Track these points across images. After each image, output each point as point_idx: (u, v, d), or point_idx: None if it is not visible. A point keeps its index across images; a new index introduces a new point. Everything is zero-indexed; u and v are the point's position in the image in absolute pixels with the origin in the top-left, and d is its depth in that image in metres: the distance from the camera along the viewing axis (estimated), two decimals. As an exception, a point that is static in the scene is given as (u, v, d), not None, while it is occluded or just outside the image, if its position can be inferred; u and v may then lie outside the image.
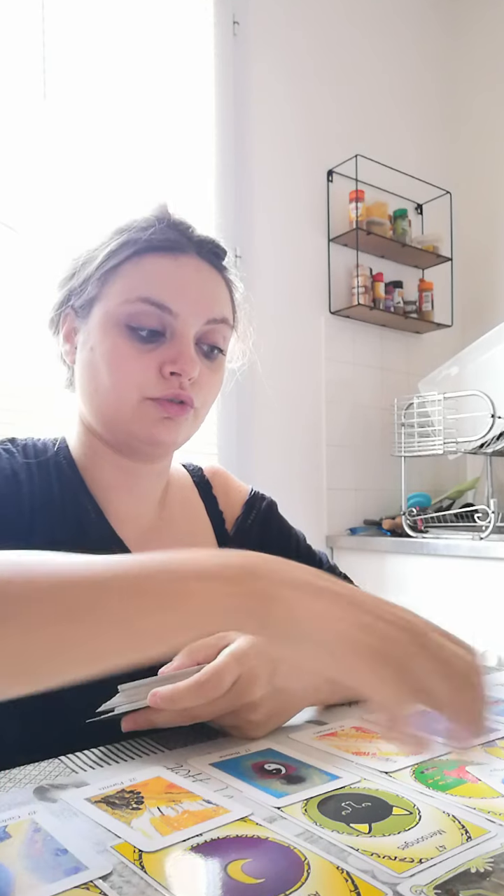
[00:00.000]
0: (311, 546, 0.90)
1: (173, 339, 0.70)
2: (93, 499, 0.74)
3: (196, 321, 0.71)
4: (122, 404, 0.71)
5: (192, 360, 0.70)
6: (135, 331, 0.70)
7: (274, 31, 2.31)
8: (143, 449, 0.73)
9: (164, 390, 0.70)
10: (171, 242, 0.72)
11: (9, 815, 0.43)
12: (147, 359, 0.70)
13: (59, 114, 1.86)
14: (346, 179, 2.43)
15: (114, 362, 0.70)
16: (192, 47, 2.17)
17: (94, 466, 0.75)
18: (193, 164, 2.16)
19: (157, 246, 0.71)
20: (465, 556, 1.92)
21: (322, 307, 2.40)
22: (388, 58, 2.64)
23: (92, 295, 0.72)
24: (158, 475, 0.79)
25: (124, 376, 0.70)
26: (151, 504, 0.79)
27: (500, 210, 2.70)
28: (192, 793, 0.46)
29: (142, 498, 0.77)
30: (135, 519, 0.77)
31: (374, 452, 2.49)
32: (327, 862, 0.37)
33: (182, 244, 0.73)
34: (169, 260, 0.71)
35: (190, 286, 0.72)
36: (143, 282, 0.70)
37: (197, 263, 0.73)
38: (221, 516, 0.86)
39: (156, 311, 0.70)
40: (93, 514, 0.73)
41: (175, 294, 0.70)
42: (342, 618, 0.39)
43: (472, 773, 0.50)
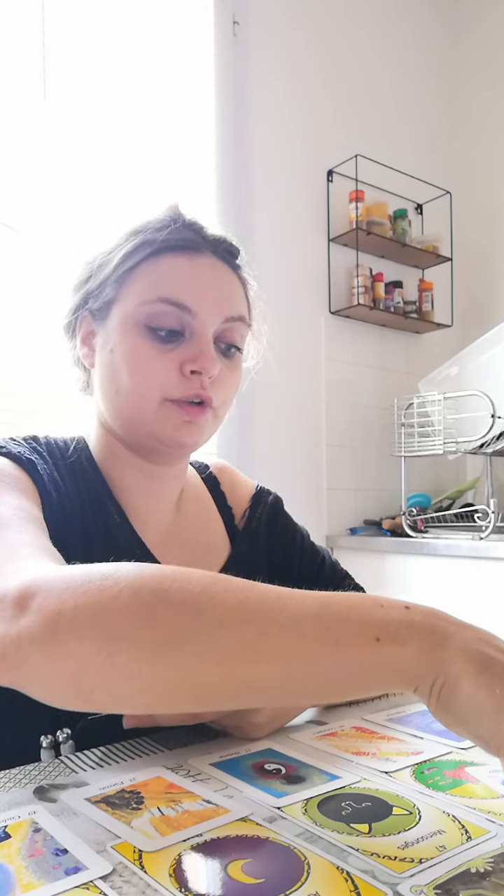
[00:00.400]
0: (314, 543, 0.90)
1: (193, 339, 0.71)
2: (116, 501, 0.75)
3: (215, 320, 0.72)
4: (144, 406, 0.71)
5: (213, 359, 0.70)
6: (154, 331, 0.70)
7: (274, 31, 2.31)
8: (165, 451, 0.73)
9: (186, 390, 0.70)
10: (187, 242, 0.72)
11: (9, 815, 0.43)
12: (167, 359, 0.70)
13: (59, 114, 1.86)
14: (346, 179, 2.43)
15: (134, 363, 0.70)
16: (192, 47, 2.17)
17: (114, 469, 0.76)
18: (194, 164, 2.16)
19: (173, 246, 0.72)
20: (465, 556, 1.92)
21: (322, 307, 2.40)
22: (389, 58, 2.64)
23: (109, 297, 0.72)
24: (177, 477, 0.79)
25: (145, 377, 0.70)
26: (170, 505, 0.79)
27: (500, 210, 2.70)
28: (192, 793, 0.46)
29: (161, 500, 0.78)
30: (155, 521, 0.77)
31: (374, 452, 2.49)
32: (327, 862, 0.37)
33: (198, 243, 0.73)
34: (185, 259, 0.72)
35: (207, 285, 0.72)
36: (161, 282, 0.70)
37: (213, 262, 0.74)
38: (231, 511, 0.86)
39: (175, 311, 0.70)
40: (117, 516, 0.74)
41: (193, 293, 0.70)
42: (497, 710, 0.40)
43: (472, 774, 0.49)
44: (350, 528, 2.37)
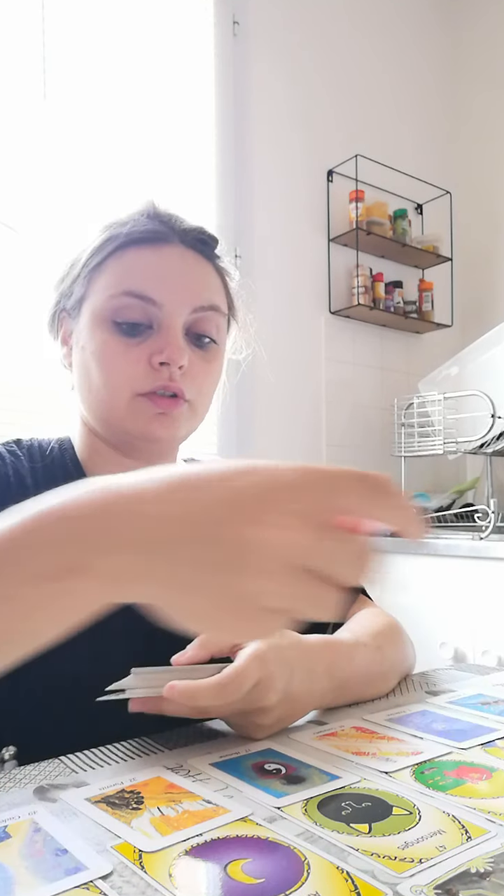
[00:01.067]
0: None
1: (160, 331, 0.70)
2: None
3: (182, 310, 0.71)
4: (115, 402, 0.70)
5: (180, 349, 0.69)
6: (120, 325, 0.69)
7: (274, 31, 2.31)
8: (141, 446, 0.73)
9: (154, 382, 0.69)
10: (153, 234, 0.72)
11: (9, 815, 0.43)
12: (135, 352, 0.69)
13: (59, 114, 1.86)
14: (346, 179, 2.43)
15: (103, 359, 0.70)
16: (192, 47, 2.17)
17: (98, 468, 0.75)
18: (193, 164, 2.16)
19: (138, 238, 0.71)
20: (465, 556, 1.92)
21: (322, 307, 2.40)
22: (389, 58, 2.64)
23: (80, 295, 0.72)
24: None
25: (114, 372, 0.70)
26: None
27: (500, 210, 2.70)
28: (192, 793, 0.46)
29: None
30: None
31: (374, 452, 2.48)
32: (327, 862, 0.37)
33: (164, 234, 0.72)
34: (150, 251, 0.71)
35: (173, 275, 0.71)
36: (125, 275, 0.70)
37: (181, 252, 0.72)
38: None
39: (139, 304, 0.69)
40: None
41: (157, 284, 0.70)
42: None
43: None
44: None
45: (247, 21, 2.26)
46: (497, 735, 0.58)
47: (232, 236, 2.24)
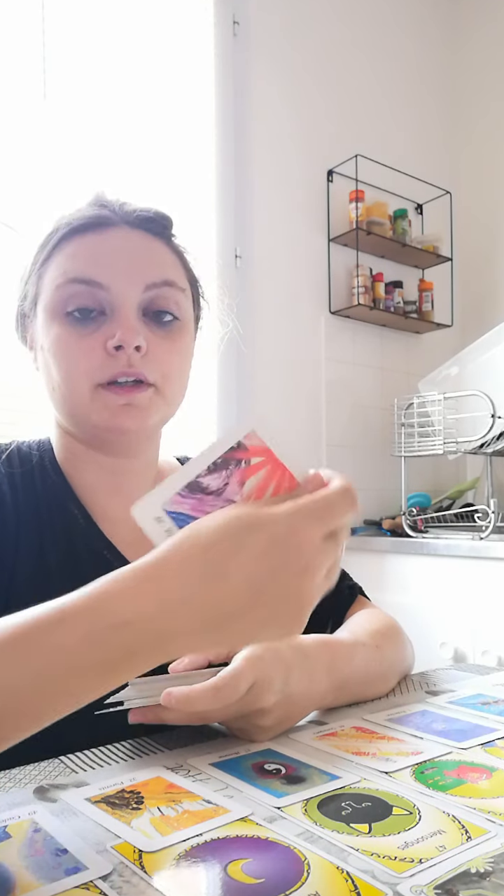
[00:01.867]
0: None
1: (112, 314, 0.67)
2: (80, 504, 0.72)
3: (132, 290, 0.68)
4: (77, 397, 0.68)
5: (132, 330, 0.66)
6: (71, 314, 0.67)
7: (274, 31, 2.31)
8: (113, 440, 0.70)
9: (113, 370, 0.66)
10: (95, 219, 0.70)
11: (9, 815, 0.43)
12: (89, 341, 0.67)
13: (59, 114, 1.86)
14: (346, 179, 2.43)
15: (59, 353, 0.68)
16: (192, 47, 2.17)
17: (76, 469, 0.73)
18: (194, 164, 2.16)
19: (80, 227, 0.69)
20: (465, 556, 1.92)
21: (322, 307, 2.40)
22: (389, 58, 2.64)
23: (33, 294, 0.71)
24: (144, 471, 0.76)
25: (71, 365, 0.67)
26: None
27: (500, 210, 2.70)
28: (192, 793, 0.46)
29: (130, 496, 0.75)
30: (125, 520, 0.74)
31: (374, 452, 2.48)
32: (327, 862, 0.37)
33: (107, 218, 0.70)
34: (94, 236, 0.69)
35: (119, 256, 0.68)
36: (70, 263, 0.68)
37: (126, 233, 0.70)
38: None
39: (86, 289, 0.67)
40: (81, 520, 0.71)
41: (102, 267, 0.67)
42: None
43: None
44: (350, 528, 2.36)
45: (247, 21, 2.26)
46: (497, 735, 0.58)
47: (232, 236, 2.24)
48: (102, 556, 0.71)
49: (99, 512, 0.73)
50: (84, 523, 0.72)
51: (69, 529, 0.71)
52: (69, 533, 0.71)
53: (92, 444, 0.72)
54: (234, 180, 2.26)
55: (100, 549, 0.71)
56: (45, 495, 0.71)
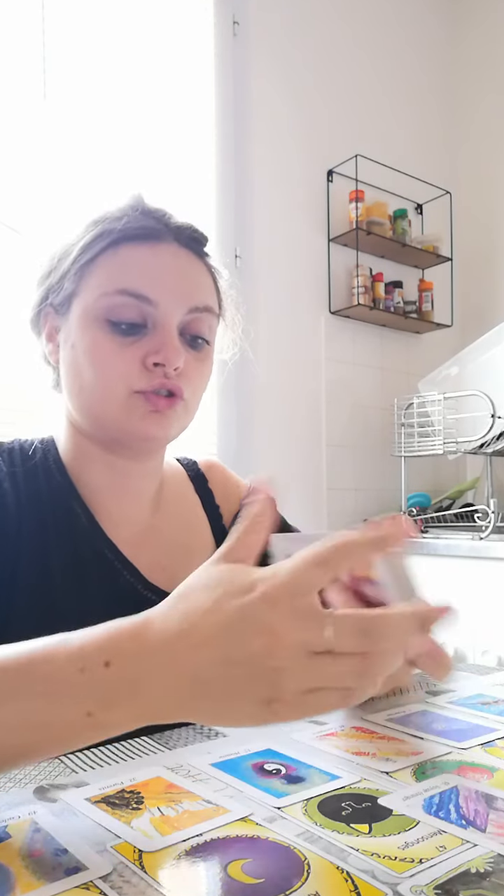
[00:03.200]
0: None
1: (155, 330, 0.68)
2: (83, 503, 0.73)
3: (178, 310, 0.69)
4: (110, 400, 0.68)
5: (177, 350, 0.67)
6: (115, 324, 0.67)
7: (274, 31, 2.31)
8: (135, 445, 0.71)
9: (151, 381, 0.67)
10: (147, 230, 0.69)
11: (9, 815, 0.43)
12: (130, 351, 0.67)
13: (59, 114, 1.86)
14: (346, 179, 2.43)
15: (96, 358, 0.68)
16: (192, 47, 2.17)
17: (83, 468, 0.74)
18: (194, 165, 2.16)
19: (132, 235, 0.69)
20: (465, 556, 1.92)
21: (322, 307, 2.40)
22: (389, 57, 2.64)
23: (70, 291, 0.70)
24: (151, 474, 0.77)
25: (108, 371, 0.67)
26: (145, 504, 0.77)
27: (500, 210, 2.70)
28: (192, 793, 0.46)
29: (135, 499, 0.76)
30: (128, 521, 0.75)
31: (374, 452, 2.49)
32: (327, 862, 0.37)
33: (159, 231, 0.70)
34: (146, 248, 0.69)
35: (169, 274, 0.69)
36: (120, 273, 0.68)
37: (175, 250, 0.70)
38: (218, 511, 0.84)
39: (135, 303, 0.67)
40: (84, 518, 0.72)
41: (154, 283, 0.68)
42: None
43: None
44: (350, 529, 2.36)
45: (247, 21, 2.26)
46: (497, 735, 0.58)
47: (232, 236, 2.24)
48: (104, 556, 0.71)
49: (102, 512, 0.73)
50: (87, 522, 0.72)
51: (72, 527, 0.71)
52: (72, 531, 0.71)
53: (109, 447, 0.72)
54: (234, 180, 2.26)
55: (101, 548, 0.72)
56: (48, 493, 0.71)
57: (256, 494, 0.45)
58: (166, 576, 0.74)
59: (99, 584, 0.70)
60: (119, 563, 0.72)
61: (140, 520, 0.76)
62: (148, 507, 0.77)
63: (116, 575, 0.71)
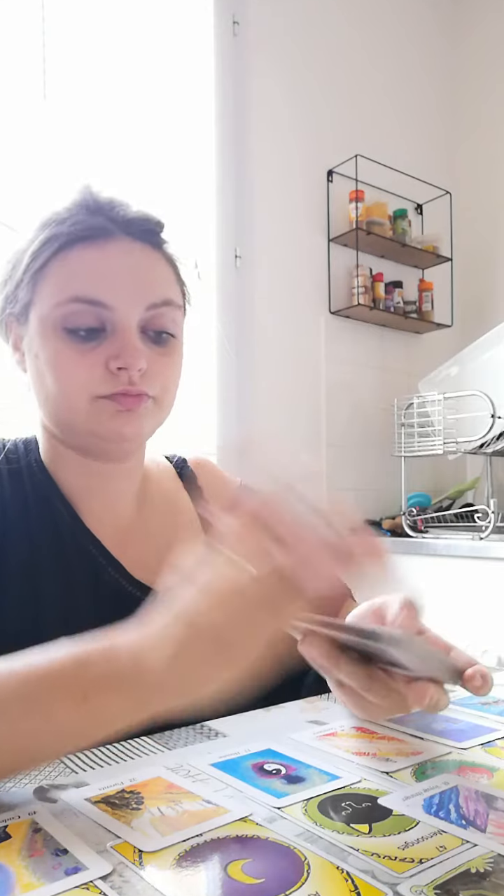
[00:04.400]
0: None
1: (115, 333, 0.66)
2: (66, 502, 0.72)
3: (135, 310, 0.67)
4: (75, 408, 0.67)
5: (137, 352, 0.66)
6: (73, 332, 0.66)
7: (274, 31, 2.31)
8: (109, 447, 0.70)
9: (114, 387, 0.66)
10: (95, 230, 0.67)
11: (9, 815, 0.43)
12: (91, 357, 0.66)
13: (59, 114, 1.86)
14: (346, 179, 2.43)
15: (58, 368, 0.66)
16: (192, 47, 2.17)
17: (60, 470, 0.73)
18: (194, 165, 2.16)
19: (79, 237, 0.67)
20: (465, 556, 1.92)
21: (322, 307, 2.40)
22: (389, 58, 2.64)
23: (26, 300, 0.68)
24: (130, 473, 0.76)
25: (70, 380, 0.66)
26: (127, 503, 0.76)
27: (500, 210, 2.70)
28: (192, 793, 0.46)
29: (116, 498, 0.75)
30: (111, 518, 0.74)
31: (374, 452, 2.49)
32: (327, 862, 0.37)
33: (107, 229, 0.68)
34: (95, 250, 0.67)
35: (122, 274, 0.67)
36: (71, 279, 0.66)
37: (127, 246, 0.68)
38: None
39: (90, 308, 0.65)
40: (67, 517, 0.71)
41: (107, 286, 0.66)
42: None
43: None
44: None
45: (247, 21, 2.26)
46: (497, 735, 0.58)
47: (232, 236, 2.24)
48: (88, 552, 0.71)
49: (85, 510, 0.73)
50: (70, 520, 0.71)
51: (55, 525, 0.71)
52: (55, 528, 0.71)
53: (81, 451, 0.72)
54: (234, 180, 2.26)
55: (86, 544, 0.71)
56: (32, 492, 0.71)
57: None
58: (152, 573, 0.73)
59: (83, 581, 0.70)
60: (103, 558, 0.72)
61: (123, 518, 0.75)
62: (130, 505, 0.76)
63: (101, 571, 0.71)
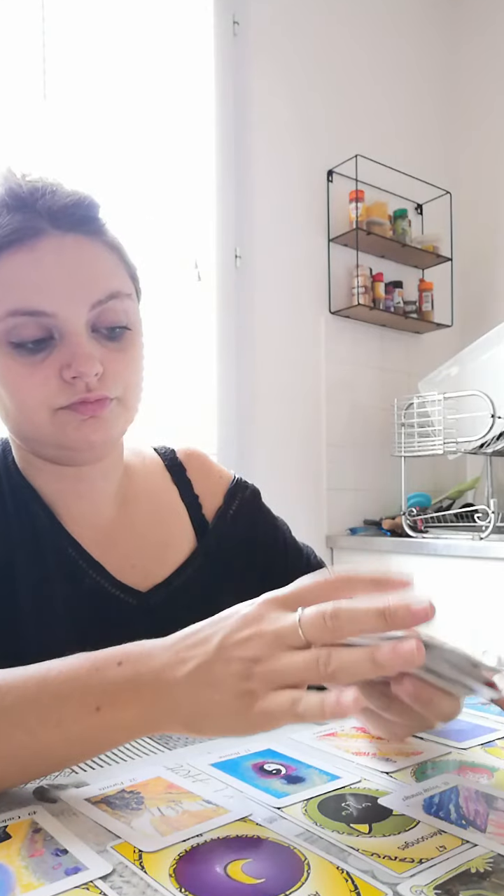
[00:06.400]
0: (295, 538, 0.85)
1: (63, 340, 0.62)
2: (44, 504, 0.71)
3: (79, 312, 0.62)
4: (37, 423, 0.64)
5: (88, 357, 0.62)
6: (20, 346, 0.62)
7: (274, 31, 2.31)
8: (78, 455, 0.67)
9: (72, 396, 0.63)
10: (21, 231, 0.62)
11: (9, 815, 0.43)
12: (42, 369, 0.62)
13: (59, 114, 1.86)
14: (346, 179, 2.43)
15: (11, 385, 0.63)
16: (192, 47, 2.16)
17: (36, 476, 0.71)
18: (194, 165, 2.16)
19: (6, 241, 0.62)
20: (465, 556, 1.92)
21: (322, 307, 2.40)
22: (389, 58, 2.64)
23: None
24: (107, 473, 0.73)
25: (26, 396, 0.63)
26: (107, 502, 0.74)
27: (500, 210, 2.70)
28: (192, 793, 0.46)
29: (94, 499, 0.73)
30: (90, 520, 0.72)
31: (374, 452, 2.49)
32: (327, 862, 0.37)
33: (34, 228, 0.62)
34: (24, 254, 0.62)
35: (57, 276, 0.62)
36: (6, 292, 0.61)
37: (59, 242, 0.63)
38: (197, 500, 0.80)
39: (31, 320, 0.61)
40: (45, 519, 0.70)
41: (43, 293, 0.61)
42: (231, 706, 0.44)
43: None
44: (350, 529, 2.37)
45: (247, 21, 2.26)
46: (497, 735, 0.58)
47: (232, 236, 2.24)
48: (67, 554, 0.70)
49: (63, 512, 0.71)
50: (48, 523, 0.70)
51: (33, 528, 0.69)
52: (34, 531, 0.69)
53: (52, 459, 0.69)
54: (234, 180, 2.26)
55: (64, 546, 0.70)
56: (10, 494, 0.70)
57: None
58: (137, 573, 0.72)
59: (63, 584, 0.69)
60: (83, 561, 0.70)
61: (103, 518, 0.73)
62: (111, 504, 0.74)
63: (81, 574, 0.70)
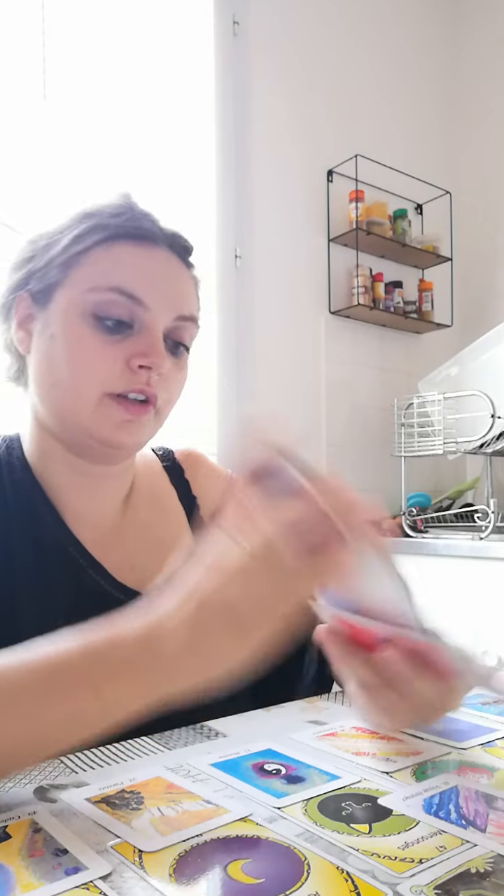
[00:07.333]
0: None
1: (142, 332, 0.67)
2: (48, 500, 0.71)
3: (167, 316, 0.68)
4: (82, 400, 0.66)
5: (163, 354, 0.67)
6: (101, 320, 0.66)
7: (274, 31, 2.31)
8: (101, 451, 0.69)
9: (129, 384, 0.66)
10: (144, 231, 0.68)
11: (9, 815, 0.43)
12: (113, 351, 0.66)
13: (59, 114, 1.86)
14: (346, 179, 2.43)
15: (76, 353, 0.66)
16: (192, 47, 2.17)
17: (47, 467, 0.72)
18: (194, 164, 2.16)
19: (129, 234, 0.68)
20: (465, 556, 1.92)
21: (322, 307, 2.40)
22: (389, 57, 2.64)
23: (53, 280, 0.67)
24: (119, 476, 0.75)
25: (86, 369, 0.66)
26: (113, 504, 0.75)
27: (500, 210, 2.70)
28: (192, 793, 0.46)
29: (102, 500, 0.74)
30: (95, 520, 0.73)
31: (374, 452, 2.48)
32: (327, 862, 0.37)
33: (154, 235, 0.69)
34: (141, 250, 0.68)
35: (162, 279, 0.68)
36: (114, 270, 0.66)
37: (167, 256, 0.70)
38: (195, 501, 0.81)
39: (126, 302, 0.66)
40: (48, 516, 0.70)
41: (148, 286, 0.67)
42: None
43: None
44: None
45: (247, 21, 2.26)
46: (497, 735, 0.58)
47: (232, 236, 2.24)
48: (68, 553, 0.70)
49: (67, 510, 0.72)
50: (51, 520, 0.70)
51: (35, 525, 0.70)
52: (35, 529, 0.69)
53: (71, 447, 0.70)
54: (234, 180, 2.26)
55: (65, 545, 0.70)
56: (11, 490, 0.70)
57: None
58: (137, 575, 0.72)
59: (63, 582, 0.69)
60: (84, 560, 0.70)
61: (108, 519, 0.74)
62: (117, 506, 0.75)
63: (81, 573, 0.70)
